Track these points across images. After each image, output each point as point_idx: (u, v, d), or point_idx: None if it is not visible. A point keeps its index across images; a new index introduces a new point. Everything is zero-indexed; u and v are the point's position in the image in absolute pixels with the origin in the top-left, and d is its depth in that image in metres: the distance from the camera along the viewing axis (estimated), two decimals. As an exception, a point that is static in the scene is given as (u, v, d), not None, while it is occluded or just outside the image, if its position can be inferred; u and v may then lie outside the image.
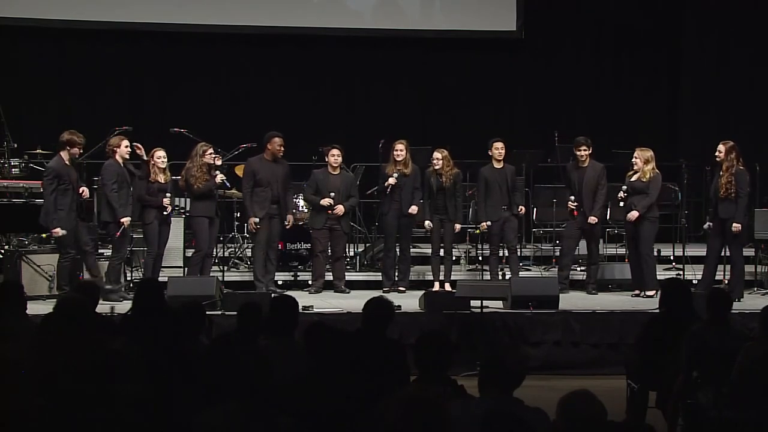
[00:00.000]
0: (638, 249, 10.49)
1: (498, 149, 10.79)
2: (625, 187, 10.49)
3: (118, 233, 9.86)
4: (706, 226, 10.71)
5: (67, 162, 9.75)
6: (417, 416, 3.59)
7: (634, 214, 10.37)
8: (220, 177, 10.26)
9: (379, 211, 10.94)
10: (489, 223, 10.72)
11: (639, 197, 10.42)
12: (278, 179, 10.46)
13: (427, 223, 10.79)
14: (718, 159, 10.35)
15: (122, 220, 9.84)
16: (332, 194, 10.56)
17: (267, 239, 10.48)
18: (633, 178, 10.52)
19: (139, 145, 10.06)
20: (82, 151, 9.93)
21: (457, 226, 10.83)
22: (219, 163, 10.44)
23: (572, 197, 10.79)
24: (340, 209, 10.58)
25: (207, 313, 6.20)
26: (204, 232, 10.26)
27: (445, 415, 3.62)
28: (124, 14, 13.92)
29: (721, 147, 10.34)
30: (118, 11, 13.90)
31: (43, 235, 9.82)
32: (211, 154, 10.34)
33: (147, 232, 10.14)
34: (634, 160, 10.52)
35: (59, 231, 9.62)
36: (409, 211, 10.76)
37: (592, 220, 10.71)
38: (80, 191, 9.88)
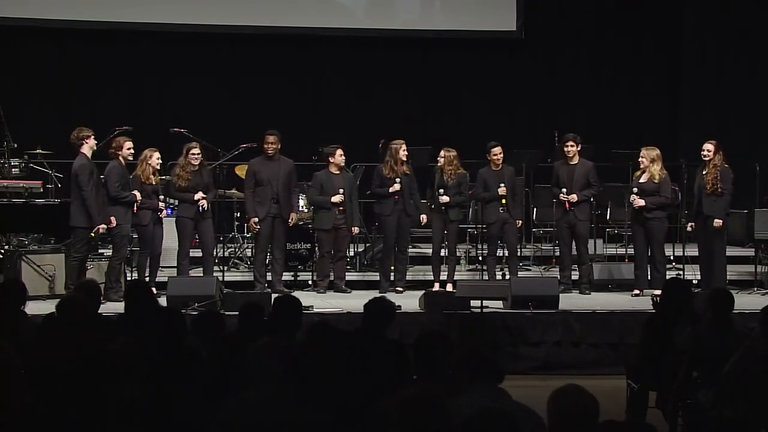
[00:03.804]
0: (652, 250, 10.45)
1: (496, 154, 10.77)
2: (635, 189, 10.46)
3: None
4: (689, 228, 10.71)
5: (90, 158, 9.76)
6: (418, 415, 3.58)
7: (640, 202, 10.32)
8: (198, 196, 10.21)
9: (378, 212, 10.91)
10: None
11: (651, 199, 10.37)
12: (279, 177, 10.46)
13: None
14: (706, 158, 10.39)
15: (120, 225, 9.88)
16: (341, 190, 10.58)
17: (268, 239, 10.49)
18: (642, 180, 10.46)
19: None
20: (97, 141, 9.93)
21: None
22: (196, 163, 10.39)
23: (564, 189, 10.75)
24: (355, 231, 10.84)
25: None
26: (185, 233, 10.30)
27: (446, 414, 3.61)
28: (124, 14, 13.92)
29: (709, 146, 10.38)
30: (118, 11, 13.90)
31: (92, 234, 9.66)
32: (194, 153, 10.33)
33: (142, 233, 10.14)
34: (640, 159, 10.49)
35: (104, 227, 9.65)
36: (422, 220, 10.84)
37: (573, 197, 10.66)
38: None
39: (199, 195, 10.24)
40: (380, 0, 14.89)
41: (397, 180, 10.62)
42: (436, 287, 10.68)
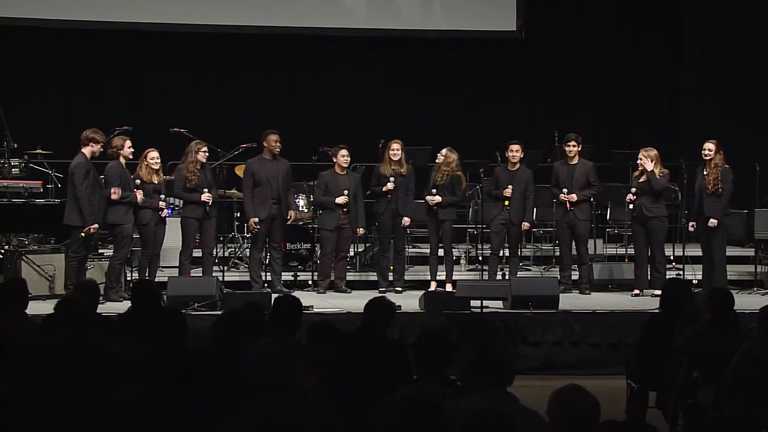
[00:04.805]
0: (653, 250, 10.45)
1: (512, 152, 10.77)
2: (634, 189, 10.46)
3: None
4: (691, 228, 10.70)
5: (89, 160, 9.75)
6: (414, 415, 3.58)
7: (647, 165, 10.30)
8: (206, 196, 10.18)
9: (374, 211, 10.92)
10: (510, 188, 10.65)
11: (649, 198, 10.39)
12: (278, 177, 10.45)
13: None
14: (707, 157, 10.40)
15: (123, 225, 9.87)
16: (346, 192, 10.58)
17: (265, 240, 10.47)
18: (642, 179, 10.48)
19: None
20: (102, 150, 9.92)
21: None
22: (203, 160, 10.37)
23: (565, 189, 10.76)
24: (360, 232, 10.85)
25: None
26: (190, 234, 10.28)
27: (442, 414, 3.60)
28: (124, 14, 13.93)
29: (711, 146, 10.38)
30: (118, 11, 13.90)
31: (83, 234, 9.55)
32: (204, 152, 10.32)
33: (143, 233, 10.13)
34: (639, 160, 10.50)
35: (96, 227, 9.63)
36: (404, 222, 10.75)
37: (572, 197, 10.66)
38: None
39: (205, 196, 10.21)
40: (381, 0, 14.89)
41: (391, 179, 10.62)
42: (433, 286, 10.67)
